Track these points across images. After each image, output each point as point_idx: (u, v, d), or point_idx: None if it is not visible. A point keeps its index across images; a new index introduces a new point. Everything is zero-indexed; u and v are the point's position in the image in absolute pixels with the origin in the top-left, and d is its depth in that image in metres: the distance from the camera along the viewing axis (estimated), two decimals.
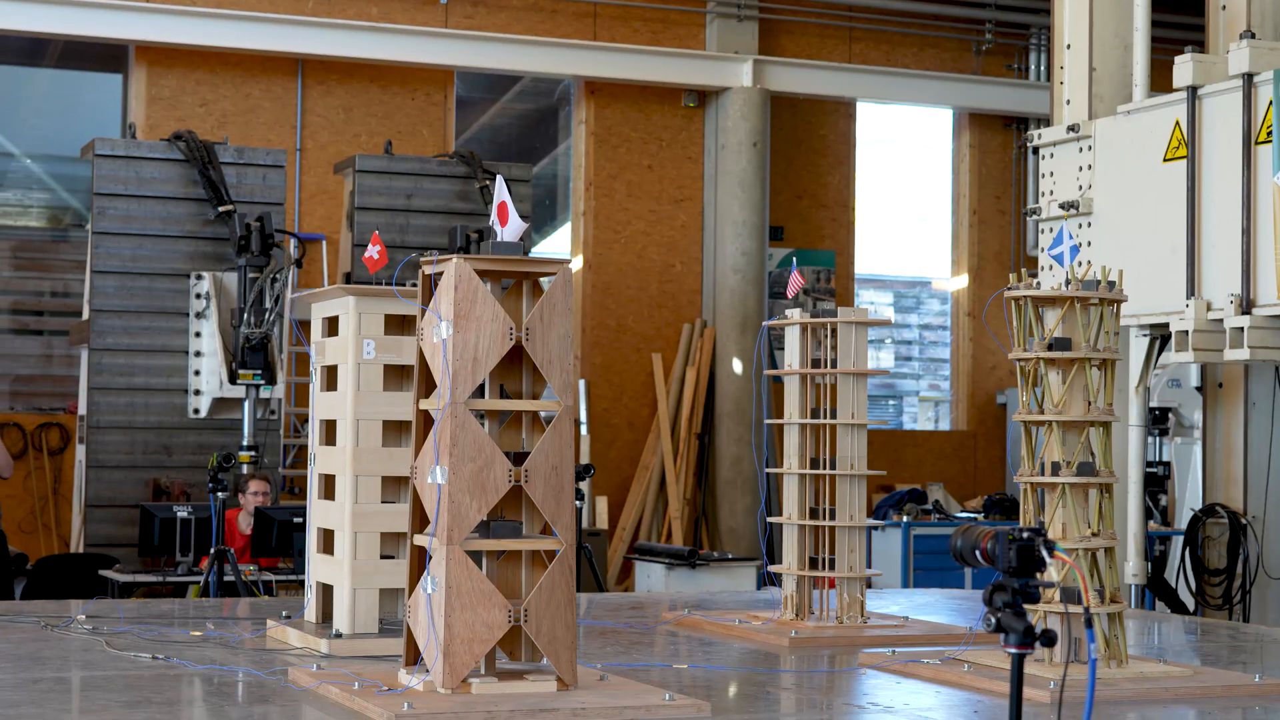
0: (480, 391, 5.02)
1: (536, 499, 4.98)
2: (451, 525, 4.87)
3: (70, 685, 5.45)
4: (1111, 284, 5.69)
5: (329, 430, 6.30)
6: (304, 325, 6.91)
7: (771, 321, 7.37)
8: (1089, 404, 5.64)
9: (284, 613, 6.74)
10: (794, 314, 7.13)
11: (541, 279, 5.17)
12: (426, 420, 5.05)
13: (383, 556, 6.13)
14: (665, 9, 16.53)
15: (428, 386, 5.09)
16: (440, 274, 5.03)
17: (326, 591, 6.31)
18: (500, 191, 5.10)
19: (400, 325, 6.13)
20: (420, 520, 5.07)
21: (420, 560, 5.04)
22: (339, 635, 6.03)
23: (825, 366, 7.05)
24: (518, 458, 4.99)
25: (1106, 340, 5.67)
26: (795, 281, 7.19)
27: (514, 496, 5.06)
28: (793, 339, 7.14)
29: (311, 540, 6.43)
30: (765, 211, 16.41)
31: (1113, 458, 5.76)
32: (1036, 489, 5.70)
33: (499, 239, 5.06)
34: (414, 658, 5.07)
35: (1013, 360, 5.74)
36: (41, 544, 14.10)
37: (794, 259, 9.20)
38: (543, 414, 5.19)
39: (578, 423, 15.96)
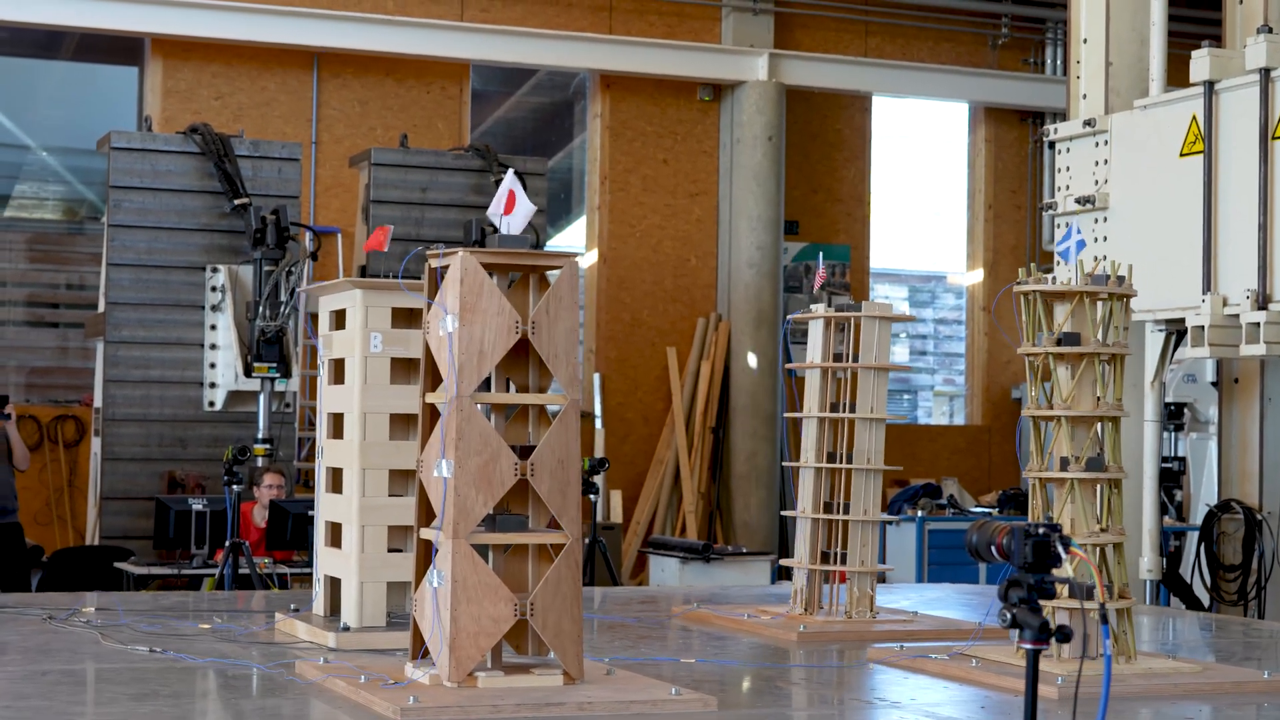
0: (486, 385, 5.01)
1: (542, 492, 4.97)
2: (457, 519, 4.86)
3: (78, 678, 5.45)
4: (1121, 279, 5.67)
5: (336, 423, 6.30)
6: (318, 318, 6.91)
7: (796, 315, 7.36)
8: (1098, 399, 5.62)
9: (292, 606, 6.74)
10: (818, 309, 7.12)
11: (548, 272, 5.15)
12: (433, 414, 5.04)
13: (390, 550, 6.13)
14: (681, 2, 16.51)
15: (434, 380, 5.08)
16: (446, 267, 5.02)
17: (334, 585, 6.31)
18: (509, 181, 5.09)
19: (407, 318, 6.12)
20: (426, 514, 5.06)
21: (426, 554, 5.04)
22: (347, 628, 6.03)
23: (847, 361, 7.03)
24: (524, 451, 4.98)
25: (1116, 335, 5.65)
26: (821, 276, 7.20)
27: (520, 490, 5.05)
28: (816, 333, 7.12)
29: (319, 533, 6.43)
30: (780, 206, 16.38)
31: (1123, 453, 5.73)
32: (1045, 484, 5.68)
33: (504, 229, 5.04)
34: (420, 651, 5.07)
35: (1022, 355, 5.72)
36: (57, 536, 14.14)
37: (820, 254, 9.17)
38: (549, 408, 5.18)
39: (592, 416, 15.95)
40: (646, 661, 5.80)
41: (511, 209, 5.07)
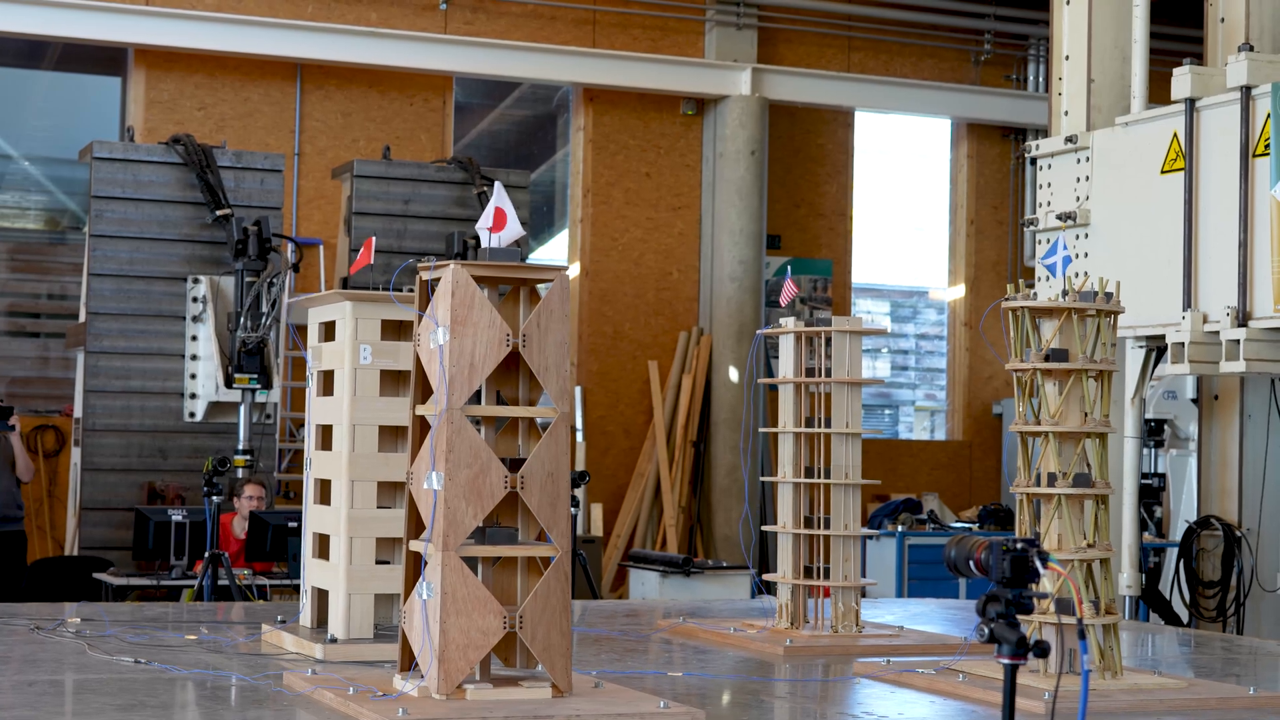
0: (477, 397, 5.02)
1: (532, 505, 4.98)
2: (447, 531, 4.87)
3: (64, 688, 5.44)
4: (1109, 295, 5.70)
5: (325, 435, 6.30)
6: (300, 329, 6.93)
7: (766, 330, 7.38)
8: (1085, 415, 5.65)
9: (279, 617, 6.74)
10: (789, 323, 7.14)
11: (539, 285, 5.17)
12: (423, 426, 5.05)
13: (378, 562, 6.13)
14: (664, 16, 16.55)
15: (424, 392, 5.08)
16: (437, 280, 5.02)
17: (322, 596, 6.31)
18: (499, 197, 5.10)
19: (397, 330, 6.13)
20: (416, 526, 5.07)
21: (416, 566, 5.04)
22: (334, 640, 6.02)
23: (820, 375, 7.05)
24: (514, 464, 4.99)
25: (1103, 351, 5.68)
26: (788, 289, 7.19)
27: (510, 503, 5.05)
28: (787, 348, 7.14)
29: (307, 545, 6.43)
30: (763, 220, 16.41)
31: (1108, 469, 5.76)
32: (1033, 500, 5.70)
33: (490, 244, 5.05)
34: (409, 663, 5.07)
35: (1009, 371, 5.75)
36: (36, 547, 14.08)
37: (789, 267, 9.24)
38: (539, 420, 5.19)
39: (573, 429, 15.95)
40: (633, 675, 5.81)
41: (501, 227, 5.07)
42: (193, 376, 12.21)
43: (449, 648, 4.85)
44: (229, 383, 11.61)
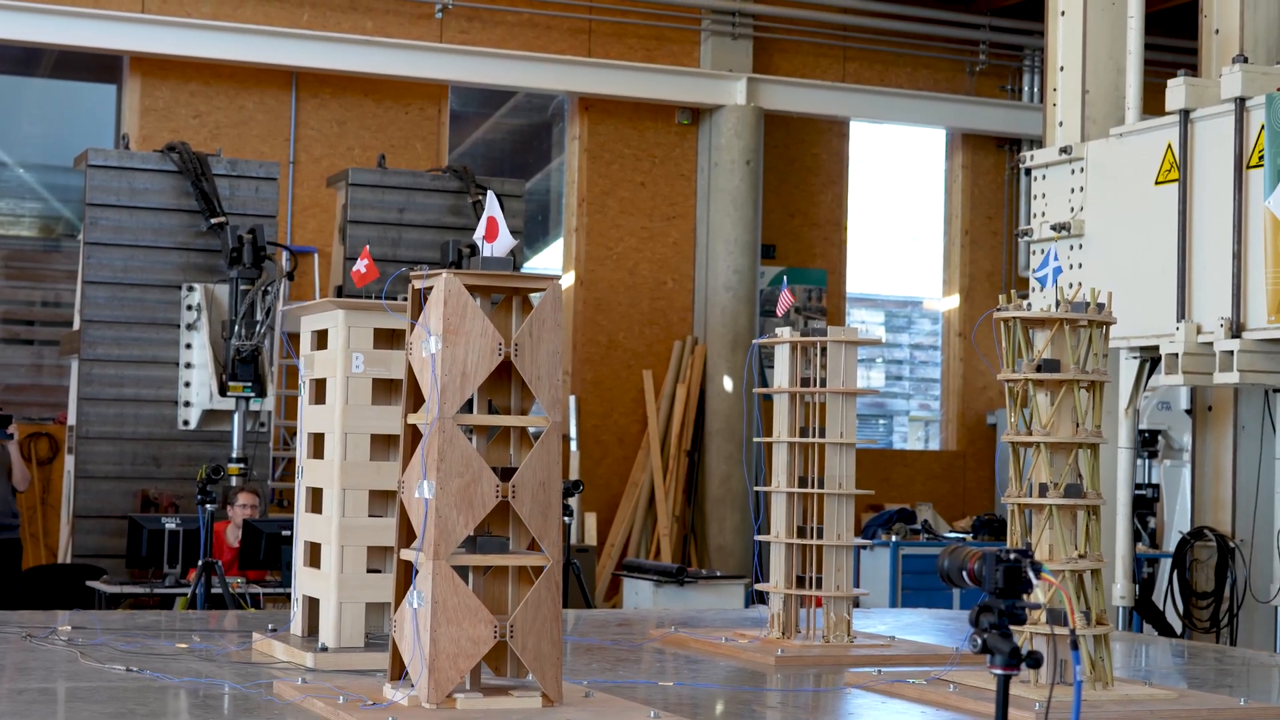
0: (468, 406, 5.02)
1: (524, 515, 4.98)
2: (438, 540, 4.86)
3: (55, 696, 5.43)
4: (1101, 306, 5.70)
5: (317, 443, 6.30)
6: (294, 338, 6.91)
7: (762, 339, 7.38)
8: (1077, 425, 5.65)
9: (270, 626, 6.73)
10: (784, 332, 7.14)
11: (531, 295, 5.17)
12: (415, 435, 5.05)
13: (369, 570, 6.13)
14: (660, 26, 16.56)
15: (416, 401, 5.09)
16: (430, 288, 5.03)
17: (313, 605, 6.31)
18: (491, 207, 5.10)
19: (389, 339, 6.13)
20: (407, 535, 5.07)
21: (407, 575, 5.04)
22: (325, 649, 6.02)
23: (815, 385, 7.06)
24: (505, 473, 4.99)
25: (1095, 362, 5.68)
26: (785, 299, 7.20)
27: (501, 512, 5.05)
28: (783, 357, 7.15)
29: (298, 553, 6.43)
30: (757, 229, 16.42)
31: (1100, 480, 5.76)
32: (1024, 510, 5.71)
33: (485, 254, 5.06)
34: (399, 672, 5.07)
35: (1001, 381, 5.75)
36: (29, 554, 14.05)
37: (784, 277, 9.28)
38: (531, 430, 5.19)
39: (567, 438, 15.94)
40: (624, 684, 5.80)
41: (494, 236, 5.08)
42: (187, 384, 12.20)
43: (439, 657, 4.85)
44: (223, 391, 11.61)
